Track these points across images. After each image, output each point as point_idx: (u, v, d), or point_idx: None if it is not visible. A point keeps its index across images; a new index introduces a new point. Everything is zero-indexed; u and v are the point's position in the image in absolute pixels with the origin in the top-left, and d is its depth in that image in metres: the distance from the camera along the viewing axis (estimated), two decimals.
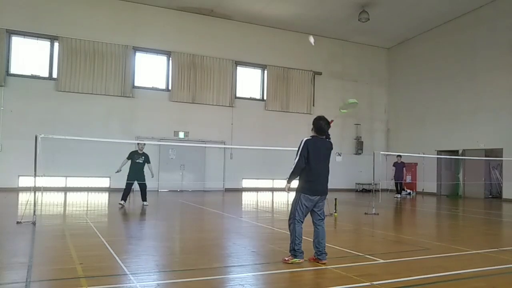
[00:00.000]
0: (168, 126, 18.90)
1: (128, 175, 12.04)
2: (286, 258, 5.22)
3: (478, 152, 18.27)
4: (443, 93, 20.30)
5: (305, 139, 5.26)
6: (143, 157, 12.17)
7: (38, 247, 6.17)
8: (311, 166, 5.18)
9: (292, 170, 5.21)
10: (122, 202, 11.84)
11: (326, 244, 5.31)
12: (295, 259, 5.15)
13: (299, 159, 5.17)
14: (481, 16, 18.56)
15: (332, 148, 5.44)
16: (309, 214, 5.36)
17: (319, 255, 5.20)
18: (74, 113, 17.18)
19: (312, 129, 5.38)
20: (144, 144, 12.55)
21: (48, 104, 16.91)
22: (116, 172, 12.11)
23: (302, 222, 5.25)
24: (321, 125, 5.30)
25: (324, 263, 5.13)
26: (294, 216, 5.20)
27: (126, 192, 11.94)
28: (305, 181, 5.22)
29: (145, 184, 12.23)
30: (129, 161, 12.12)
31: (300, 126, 21.47)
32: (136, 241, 7.01)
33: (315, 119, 5.40)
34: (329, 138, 5.48)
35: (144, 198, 12.21)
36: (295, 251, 5.17)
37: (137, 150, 12.31)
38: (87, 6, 17.73)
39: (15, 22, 16.63)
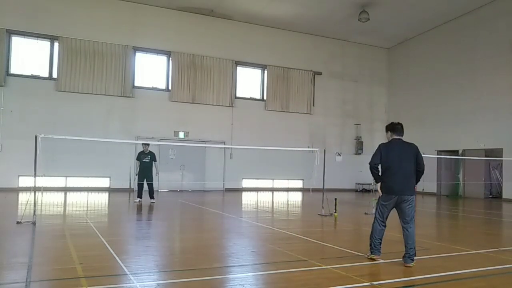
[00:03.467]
0: (168, 126, 18.89)
1: (138, 175, 13.03)
2: (367, 254, 5.54)
3: (478, 152, 18.27)
4: (443, 93, 20.30)
5: (380, 143, 5.61)
6: (149, 156, 13.07)
7: (38, 247, 6.17)
8: (385, 166, 5.42)
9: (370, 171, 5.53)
10: (138, 199, 12.89)
11: (327, 244, 5.31)
12: (371, 255, 5.44)
13: (371, 160, 5.46)
14: (481, 16, 18.55)
15: (414, 149, 5.47)
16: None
17: (403, 258, 5.23)
18: (74, 113, 17.17)
19: (388, 136, 5.62)
20: (148, 144, 13.39)
21: (48, 104, 16.91)
22: (136, 175, 13.22)
23: (382, 221, 5.47)
24: (393, 125, 5.61)
25: (408, 266, 5.09)
26: (375, 214, 5.54)
27: (139, 190, 12.98)
28: (382, 182, 5.47)
29: (152, 183, 13.06)
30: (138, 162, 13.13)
31: (300, 126, 21.52)
32: (136, 241, 7.01)
33: (388, 124, 5.70)
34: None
35: (151, 196, 13.01)
36: (371, 247, 5.48)
37: (143, 151, 13.20)
38: (87, 6, 17.72)
39: (15, 22, 16.63)
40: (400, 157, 5.34)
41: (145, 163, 12.98)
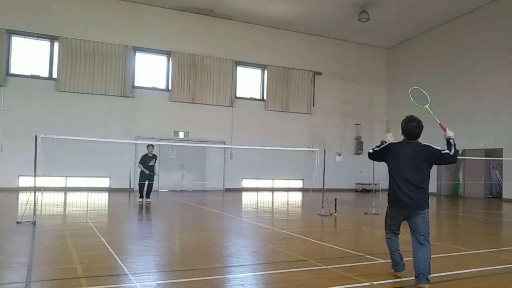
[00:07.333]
0: (168, 126, 18.89)
1: (140, 176, 13.01)
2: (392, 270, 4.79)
3: (478, 152, 18.26)
4: (443, 93, 20.26)
5: (391, 141, 4.69)
6: (153, 160, 13.09)
7: (38, 247, 6.17)
8: (391, 174, 4.55)
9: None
10: (141, 199, 12.98)
11: (327, 244, 5.29)
12: (393, 271, 4.74)
13: (373, 150, 4.73)
14: (481, 16, 18.54)
15: (429, 154, 4.40)
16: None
17: (415, 277, 4.31)
18: (74, 113, 17.16)
19: (402, 133, 4.58)
20: (153, 147, 13.37)
21: (48, 104, 16.91)
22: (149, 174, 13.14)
23: (393, 232, 4.68)
24: (410, 128, 4.48)
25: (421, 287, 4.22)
26: (385, 227, 4.79)
27: (141, 190, 13.00)
28: (388, 190, 4.63)
29: (153, 183, 13.13)
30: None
31: (300, 126, 21.51)
32: (136, 241, 7.01)
33: (404, 120, 4.56)
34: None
35: (148, 196, 13.02)
36: (392, 263, 4.76)
37: (147, 153, 13.10)
38: (87, 6, 17.71)
39: (15, 22, 16.62)
40: (408, 165, 4.38)
41: (150, 167, 12.90)
